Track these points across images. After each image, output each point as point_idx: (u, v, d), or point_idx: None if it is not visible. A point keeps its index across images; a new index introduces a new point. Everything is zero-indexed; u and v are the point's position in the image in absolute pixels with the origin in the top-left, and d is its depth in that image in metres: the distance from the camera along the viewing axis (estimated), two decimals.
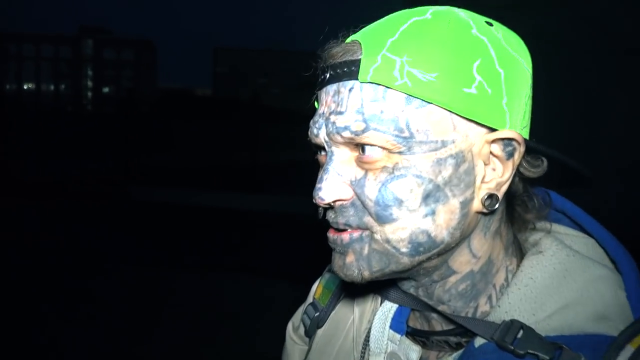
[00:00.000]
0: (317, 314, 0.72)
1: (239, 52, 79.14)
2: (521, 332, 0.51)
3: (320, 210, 0.57)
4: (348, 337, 0.67)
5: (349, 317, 0.68)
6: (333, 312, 0.71)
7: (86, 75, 71.83)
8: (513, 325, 0.52)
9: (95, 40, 71.27)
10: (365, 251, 0.53)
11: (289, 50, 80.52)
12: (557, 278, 0.54)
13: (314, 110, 0.58)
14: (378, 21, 0.55)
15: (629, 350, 0.49)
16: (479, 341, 0.54)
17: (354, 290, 0.68)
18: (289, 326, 0.81)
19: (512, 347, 0.51)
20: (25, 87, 70.53)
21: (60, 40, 70.23)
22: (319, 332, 0.70)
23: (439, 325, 0.59)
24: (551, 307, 0.53)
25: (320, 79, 0.56)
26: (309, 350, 0.71)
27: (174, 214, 9.81)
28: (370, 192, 0.52)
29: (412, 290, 0.59)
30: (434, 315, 0.59)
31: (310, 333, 0.72)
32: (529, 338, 0.51)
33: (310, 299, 0.76)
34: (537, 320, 0.52)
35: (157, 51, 79.27)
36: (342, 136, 0.52)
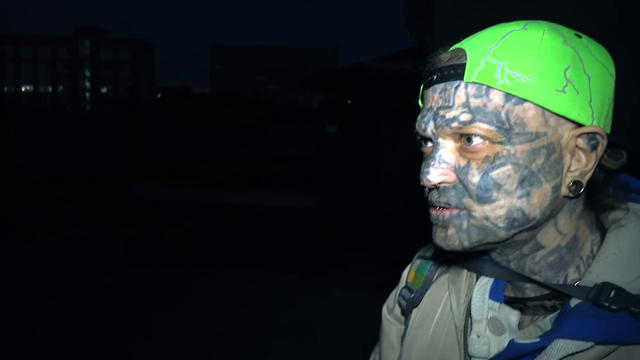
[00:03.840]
0: (412, 295, 0.81)
1: (237, 49, 78.98)
2: (613, 291, 0.58)
3: (427, 191, 0.66)
4: (445, 310, 0.76)
5: (443, 294, 0.77)
6: (427, 292, 0.80)
7: (84, 76, 71.82)
8: (606, 286, 0.59)
9: (92, 41, 71.19)
10: (465, 226, 0.62)
11: (288, 46, 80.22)
12: (639, 246, 0.62)
13: (417, 108, 0.67)
14: (479, 32, 0.64)
15: None
16: (574, 301, 0.61)
17: (448, 272, 0.78)
18: (384, 309, 0.89)
19: (607, 304, 0.58)
20: (23, 89, 70.49)
21: (57, 42, 70.18)
22: (415, 311, 0.80)
23: (532, 293, 0.67)
24: (637, 270, 0.60)
25: (427, 80, 0.64)
26: (406, 327, 0.80)
27: (179, 211, 9.86)
28: (474, 178, 0.60)
29: (505, 264, 0.67)
30: (527, 285, 0.67)
31: (407, 312, 0.81)
32: (622, 296, 0.58)
33: (403, 283, 0.85)
34: (627, 282, 0.60)
35: (154, 50, 79.19)
36: (450, 127, 0.61)
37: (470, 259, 0.71)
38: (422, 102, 0.66)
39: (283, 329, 4.38)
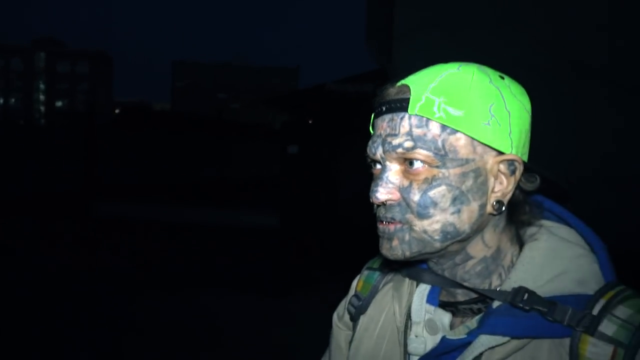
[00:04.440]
0: (360, 302, 0.91)
1: (199, 66, 78.53)
2: (526, 294, 0.69)
3: (375, 207, 0.75)
4: (388, 315, 0.85)
5: (387, 300, 0.87)
6: (374, 300, 0.89)
7: (38, 89, 69.77)
8: (520, 290, 0.70)
9: (48, 53, 69.38)
10: (407, 238, 0.72)
11: (250, 65, 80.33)
12: (549, 257, 0.74)
13: (369, 134, 0.77)
14: (422, 70, 0.75)
15: (601, 302, 0.68)
16: (496, 303, 0.72)
17: (392, 280, 0.88)
18: (334, 316, 0.98)
19: (521, 305, 0.69)
20: None
21: (12, 52, 68.06)
22: (362, 317, 0.89)
23: (462, 297, 0.78)
24: (546, 277, 0.72)
25: (377, 110, 0.75)
26: (354, 332, 0.90)
27: (137, 229, 9.69)
28: (415, 196, 0.71)
29: (440, 272, 0.78)
30: (459, 290, 0.78)
31: (355, 319, 0.91)
32: (532, 298, 0.69)
33: (352, 292, 0.95)
34: (537, 287, 0.71)
35: (113, 64, 77.82)
36: (396, 152, 0.71)
37: (411, 268, 0.82)
38: (373, 129, 0.77)
39: (243, 348, 4.39)
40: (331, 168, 8.63)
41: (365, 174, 0.78)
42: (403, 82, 0.75)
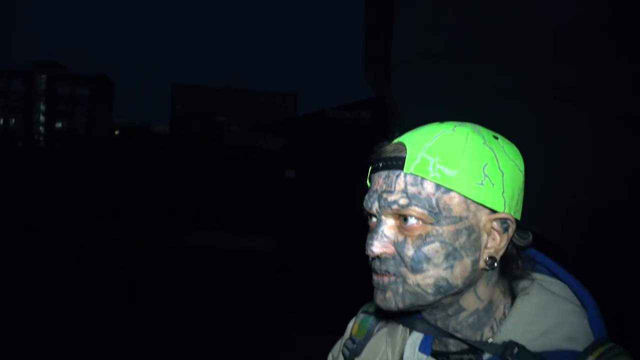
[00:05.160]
0: (354, 345, 0.92)
1: (198, 90, 79.04)
2: (516, 349, 0.72)
3: (370, 259, 0.79)
4: None
5: (381, 345, 0.89)
6: (368, 344, 0.91)
7: (39, 110, 70.02)
8: (510, 344, 0.72)
9: (49, 75, 69.84)
10: (400, 290, 0.75)
11: (249, 89, 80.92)
12: (540, 311, 0.76)
13: (366, 188, 0.81)
14: (418, 129, 0.79)
15: (590, 359, 0.70)
16: (486, 356, 0.74)
17: (387, 326, 0.90)
18: (330, 357, 1.00)
19: (510, 359, 0.71)
20: None
21: (13, 74, 68.50)
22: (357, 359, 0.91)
23: (454, 347, 0.80)
24: (537, 331, 0.74)
25: (374, 166, 0.79)
26: None
27: (133, 252, 9.65)
28: (409, 252, 0.73)
29: (433, 322, 0.80)
30: (451, 341, 0.80)
31: None
32: (522, 353, 0.71)
33: (347, 335, 0.97)
34: (528, 341, 0.73)
35: (113, 86, 78.31)
36: (391, 208, 0.74)
37: (405, 316, 0.84)
38: (370, 183, 0.80)
39: None
40: (327, 193, 8.65)
41: (360, 199, 0.81)
42: (400, 139, 0.78)
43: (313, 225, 8.89)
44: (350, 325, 0.99)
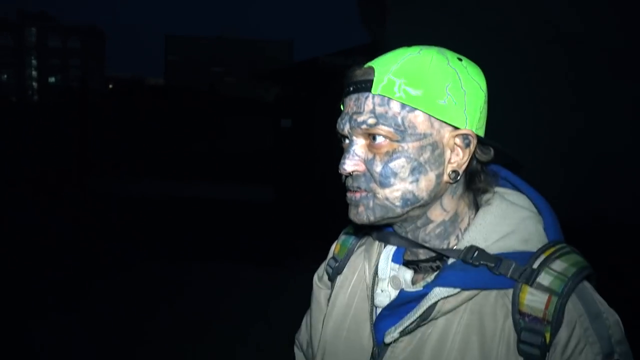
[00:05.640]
0: (337, 264, 1.00)
1: (192, 41, 77.46)
2: (477, 252, 0.78)
3: (344, 178, 0.84)
4: (360, 274, 0.95)
5: (360, 261, 0.97)
6: (349, 261, 1.00)
7: (30, 65, 68.87)
8: (472, 248, 0.79)
9: (39, 28, 68.25)
10: (371, 204, 0.80)
11: (243, 38, 79.29)
12: (499, 219, 0.82)
13: (339, 111, 0.85)
14: (387, 53, 0.82)
15: (541, 258, 0.75)
16: (450, 260, 0.81)
17: (364, 243, 0.97)
18: (315, 277, 1.08)
19: (471, 261, 0.77)
20: None
21: (1, 28, 66.92)
22: (339, 277, 1.00)
23: (423, 256, 0.86)
24: (495, 236, 0.80)
25: (346, 90, 0.83)
26: (332, 291, 1.00)
27: (133, 204, 9.76)
28: (377, 168, 0.78)
29: (404, 235, 0.86)
30: (420, 250, 0.86)
31: (332, 278, 1.01)
32: (482, 255, 0.77)
33: (330, 255, 1.04)
34: (487, 245, 0.79)
35: (105, 39, 76.72)
36: (361, 128, 0.79)
37: (380, 232, 0.91)
38: (343, 107, 0.84)
39: (237, 316, 4.51)
40: (323, 141, 8.67)
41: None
42: (369, 64, 0.82)
43: (310, 173, 8.95)
44: (333, 246, 1.06)
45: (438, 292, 0.77)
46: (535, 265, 0.74)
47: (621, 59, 7.05)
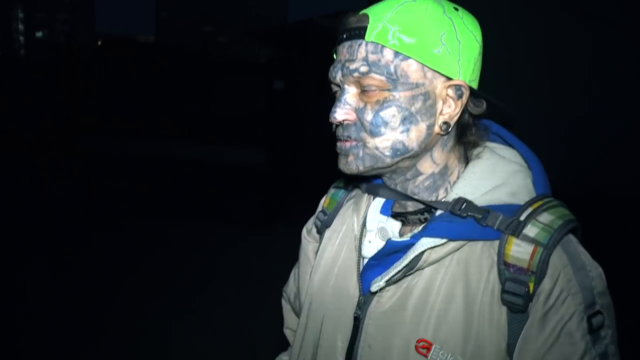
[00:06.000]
0: (326, 217, 1.00)
1: None
2: (464, 204, 0.78)
3: (334, 127, 0.83)
4: (349, 226, 0.95)
5: (349, 214, 0.97)
6: (338, 214, 1.00)
7: (17, 18, 67.10)
8: (460, 200, 0.79)
9: None
10: (361, 154, 0.79)
11: None
12: (488, 172, 0.81)
13: (332, 59, 0.83)
14: (382, 1, 0.80)
15: (528, 210, 0.76)
16: (438, 212, 0.81)
17: (354, 197, 0.97)
18: (304, 231, 1.08)
19: (459, 212, 0.77)
20: None
21: None
22: (327, 230, 0.99)
23: (412, 208, 0.86)
24: (484, 189, 0.79)
25: (339, 38, 0.80)
26: (320, 243, 1.00)
27: (124, 163, 9.70)
28: (368, 116, 0.77)
29: (393, 187, 0.86)
30: (409, 203, 0.86)
31: (321, 231, 1.01)
32: (469, 206, 0.77)
33: (320, 208, 1.04)
34: (475, 197, 0.79)
35: None
36: (353, 76, 0.77)
37: (369, 184, 0.90)
38: (336, 55, 0.82)
39: (228, 279, 4.56)
40: (316, 104, 8.60)
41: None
42: (363, 11, 0.79)
43: (302, 135, 8.91)
44: (322, 200, 1.06)
45: (425, 242, 0.77)
46: (522, 218, 0.75)
47: (632, 35, 7.01)
